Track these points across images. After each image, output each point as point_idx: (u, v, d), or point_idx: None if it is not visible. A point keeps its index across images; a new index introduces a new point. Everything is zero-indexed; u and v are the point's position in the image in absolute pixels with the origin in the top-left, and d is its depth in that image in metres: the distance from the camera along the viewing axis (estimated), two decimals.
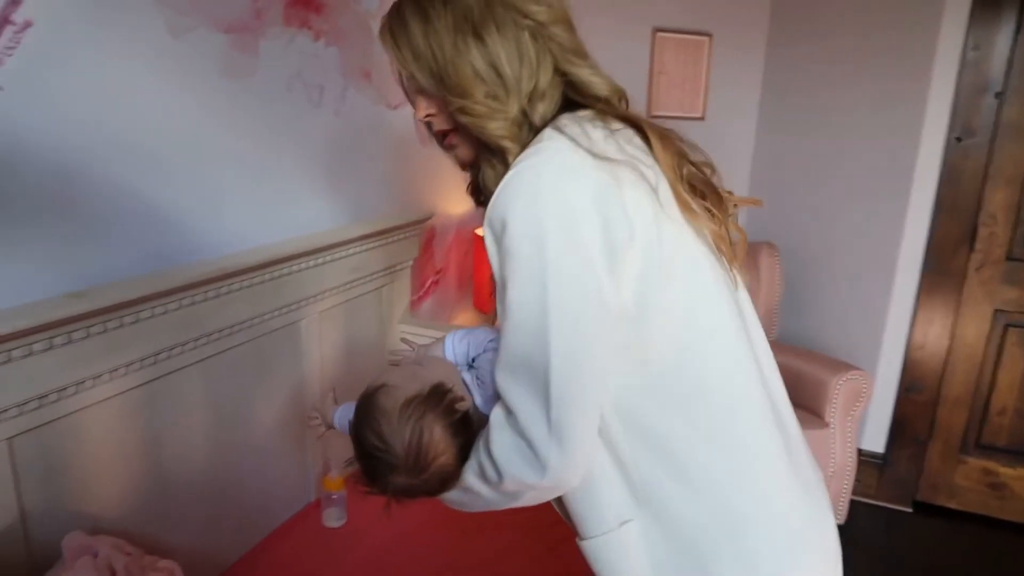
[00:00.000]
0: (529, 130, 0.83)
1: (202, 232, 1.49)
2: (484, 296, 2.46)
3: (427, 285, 2.42)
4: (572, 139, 0.77)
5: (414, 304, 2.29)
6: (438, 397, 0.90)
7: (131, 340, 1.29)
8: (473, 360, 1.04)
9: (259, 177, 1.64)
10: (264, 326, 1.61)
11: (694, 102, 3.06)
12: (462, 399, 0.93)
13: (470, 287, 2.65)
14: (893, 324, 2.68)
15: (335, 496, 1.75)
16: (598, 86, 0.86)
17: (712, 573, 0.80)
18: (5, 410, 1.11)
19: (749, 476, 0.82)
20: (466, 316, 2.67)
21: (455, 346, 1.06)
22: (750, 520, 0.81)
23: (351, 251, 1.86)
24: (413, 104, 0.91)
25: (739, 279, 0.90)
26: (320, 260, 1.74)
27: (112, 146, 1.29)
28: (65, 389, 1.19)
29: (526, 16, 0.83)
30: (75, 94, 1.22)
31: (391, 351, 1.10)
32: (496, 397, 0.85)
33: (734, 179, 3.06)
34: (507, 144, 0.82)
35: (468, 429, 0.91)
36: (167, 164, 1.41)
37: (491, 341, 1.00)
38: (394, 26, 0.86)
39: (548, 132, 0.80)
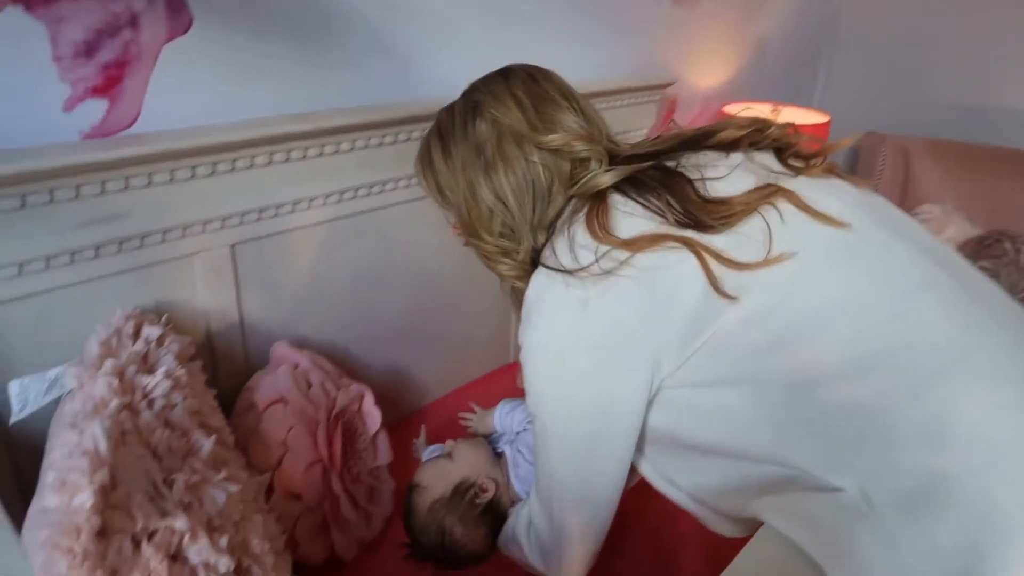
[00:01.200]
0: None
1: (430, 73, 1.44)
2: None
3: None
4: (547, 267, 0.80)
5: None
6: (459, 496, 1.07)
7: (346, 167, 1.30)
8: (518, 433, 1.16)
9: (494, 21, 1.54)
10: None
11: None
12: (484, 491, 1.08)
13: None
14: None
15: None
16: (607, 182, 0.82)
17: (928, 529, 0.63)
18: (229, 217, 1.17)
19: (958, 409, 0.66)
20: None
21: (502, 418, 1.22)
22: (964, 461, 0.64)
23: None
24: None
25: (854, 211, 0.79)
26: None
27: None
28: (282, 206, 1.23)
29: (540, 147, 0.86)
30: None
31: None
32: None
33: None
34: (516, 284, 0.90)
35: (494, 513, 1.08)
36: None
37: (529, 422, 1.09)
38: (423, 160, 0.95)
39: (537, 269, 0.83)
